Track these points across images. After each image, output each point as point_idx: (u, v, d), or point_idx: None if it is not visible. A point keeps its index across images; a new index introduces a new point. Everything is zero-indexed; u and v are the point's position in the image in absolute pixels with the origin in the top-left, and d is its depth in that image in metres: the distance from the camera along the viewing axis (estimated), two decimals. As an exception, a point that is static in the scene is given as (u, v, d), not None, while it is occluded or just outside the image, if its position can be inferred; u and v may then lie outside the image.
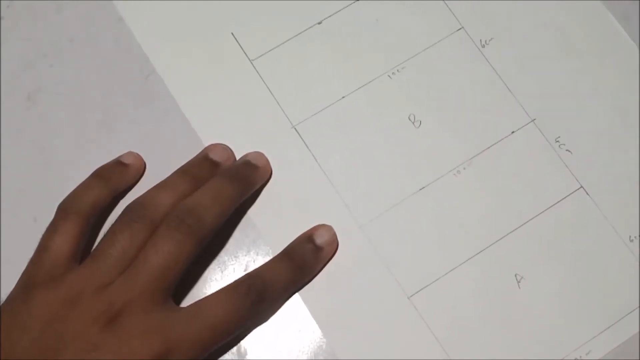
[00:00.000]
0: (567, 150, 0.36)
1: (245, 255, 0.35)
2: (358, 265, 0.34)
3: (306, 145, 0.36)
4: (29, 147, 0.36)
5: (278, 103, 0.37)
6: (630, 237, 0.35)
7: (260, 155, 0.35)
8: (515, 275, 0.34)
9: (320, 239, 0.34)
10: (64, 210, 0.33)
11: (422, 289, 0.34)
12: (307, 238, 0.34)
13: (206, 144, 0.36)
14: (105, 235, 0.32)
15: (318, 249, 0.34)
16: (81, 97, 0.37)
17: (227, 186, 0.33)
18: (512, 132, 0.36)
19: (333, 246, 0.34)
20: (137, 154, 0.36)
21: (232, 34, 0.38)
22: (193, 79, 0.37)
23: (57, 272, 0.31)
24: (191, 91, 0.37)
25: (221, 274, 0.35)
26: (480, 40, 0.38)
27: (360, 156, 0.36)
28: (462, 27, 0.38)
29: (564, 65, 0.37)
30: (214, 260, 0.35)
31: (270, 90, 0.37)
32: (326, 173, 0.36)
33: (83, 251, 0.33)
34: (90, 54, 0.38)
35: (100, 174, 0.35)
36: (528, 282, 0.34)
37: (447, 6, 0.38)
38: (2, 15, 0.38)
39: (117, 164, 0.35)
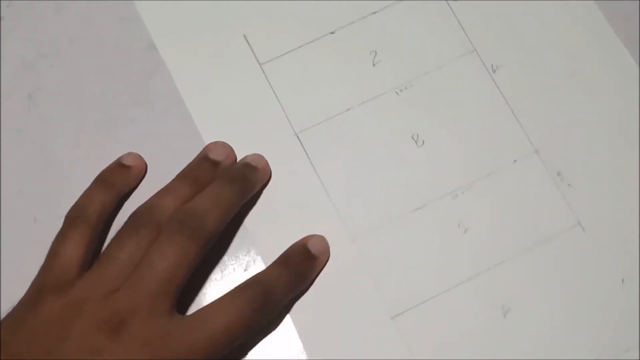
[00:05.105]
0: (567, 184, 0.35)
1: (246, 256, 0.35)
2: (346, 279, 0.34)
3: (306, 153, 0.36)
4: (29, 147, 0.36)
5: (283, 109, 0.36)
6: (623, 279, 0.34)
7: (259, 157, 0.35)
8: (502, 307, 0.34)
9: (314, 247, 0.34)
10: (72, 218, 0.33)
11: (407, 310, 0.34)
12: (302, 247, 0.34)
13: (207, 143, 0.36)
14: (111, 241, 0.32)
15: (312, 257, 0.34)
16: (81, 97, 0.37)
17: (227, 189, 0.33)
18: (515, 161, 0.36)
19: (326, 255, 0.34)
20: (138, 155, 0.36)
21: (244, 35, 0.38)
22: (201, 77, 0.37)
23: (67, 278, 0.31)
24: (198, 89, 0.37)
25: (221, 274, 0.35)
26: (492, 65, 0.37)
27: (360, 170, 0.36)
28: (475, 50, 0.37)
29: (573, 98, 0.37)
30: (214, 261, 0.35)
31: (276, 95, 0.37)
32: (323, 183, 0.35)
33: (92, 257, 0.33)
34: (90, 54, 0.38)
35: (104, 179, 0.35)
36: (514, 314, 0.34)
37: (462, 27, 0.38)
38: (2, 15, 0.38)
39: (119, 167, 0.35)
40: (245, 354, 0.33)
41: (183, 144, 0.36)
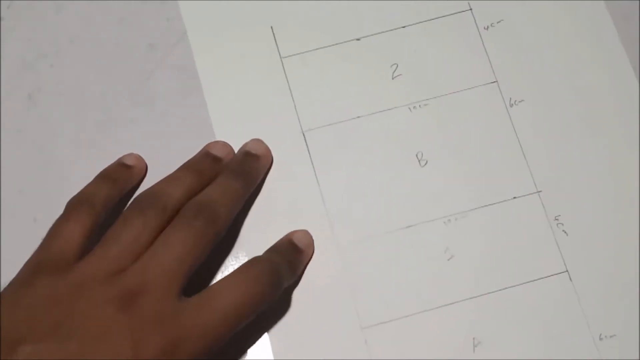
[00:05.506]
0: (563, 230, 0.35)
1: (245, 257, 0.35)
2: (324, 284, 0.34)
3: (309, 153, 0.36)
4: (29, 147, 0.37)
5: (294, 105, 0.37)
6: (600, 335, 0.34)
7: (259, 142, 0.36)
8: (473, 339, 0.34)
9: (299, 242, 0.34)
10: (74, 204, 0.32)
11: (378, 324, 0.34)
12: (288, 241, 0.34)
13: (215, 126, 0.36)
14: (115, 223, 0.31)
15: (299, 250, 0.34)
16: (81, 97, 0.37)
17: (233, 182, 0.33)
18: (514, 198, 0.35)
19: (311, 249, 0.35)
20: (139, 155, 0.36)
21: (271, 27, 0.38)
22: (221, 60, 0.37)
23: (66, 258, 0.30)
24: (215, 70, 0.37)
25: (221, 275, 0.35)
26: (510, 99, 0.37)
27: (358, 178, 0.36)
28: (497, 81, 0.37)
29: (586, 144, 0.36)
30: (214, 261, 0.35)
31: (290, 90, 0.37)
32: (320, 185, 0.36)
33: (94, 246, 0.32)
34: (90, 54, 0.38)
35: (107, 176, 0.35)
36: (484, 348, 0.33)
37: (488, 56, 0.37)
38: (2, 15, 0.38)
39: (121, 166, 0.35)
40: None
41: (183, 144, 0.36)
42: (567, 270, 0.35)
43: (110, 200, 0.33)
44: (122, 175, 0.35)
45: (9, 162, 0.36)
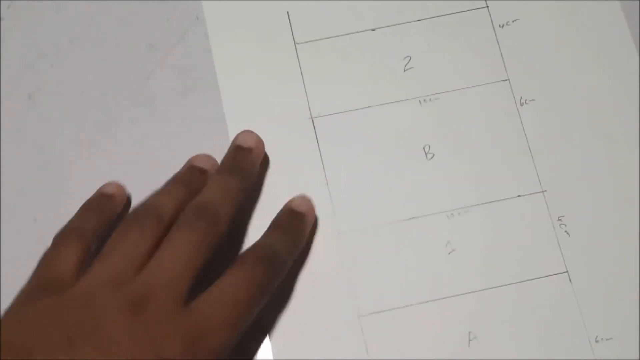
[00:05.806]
0: (566, 231, 0.35)
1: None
2: (324, 270, 0.34)
3: (317, 139, 0.36)
4: (29, 147, 0.37)
5: (305, 90, 0.37)
6: (597, 337, 0.33)
7: (249, 134, 0.35)
8: (469, 333, 0.34)
9: (298, 207, 0.34)
10: (63, 234, 0.32)
11: (375, 313, 0.34)
12: (287, 209, 0.34)
13: (225, 106, 0.36)
14: (112, 236, 0.31)
15: (299, 214, 0.34)
16: (81, 97, 0.37)
17: (230, 180, 0.33)
18: (519, 196, 0.35)
19: (312, 213, 0.35)
20: (118, 183, 0.35)
21: (287, 12, 0.38)
22: (236, 44, 0.38)
23: (66, 280, 0.30)
24: (230, 55, 0.37)
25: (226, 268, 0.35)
26: (521, 98, 0.37)
27: (364, 167, 0.36)
28: (508, 79, 0.37)
29: (595, 146, 0.36)
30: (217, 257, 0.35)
31: (302, 76, 0.37)
32: (326, 172, 0.36)
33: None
34: (90, 54, 0.38)
35: (90, 207, 0.34)
36: (479, 343, 0.33)
37: (502, 54, 0.37)
38: (2, 15, 0.38)
39: (103, 196, 0.34)
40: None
41: (183, 144, 0.36)
42: (567, 271, 0.35)
43: (99, 229, 0.33)
44: (106, 204, 0.34)
45: (9, 162, 0.36)
